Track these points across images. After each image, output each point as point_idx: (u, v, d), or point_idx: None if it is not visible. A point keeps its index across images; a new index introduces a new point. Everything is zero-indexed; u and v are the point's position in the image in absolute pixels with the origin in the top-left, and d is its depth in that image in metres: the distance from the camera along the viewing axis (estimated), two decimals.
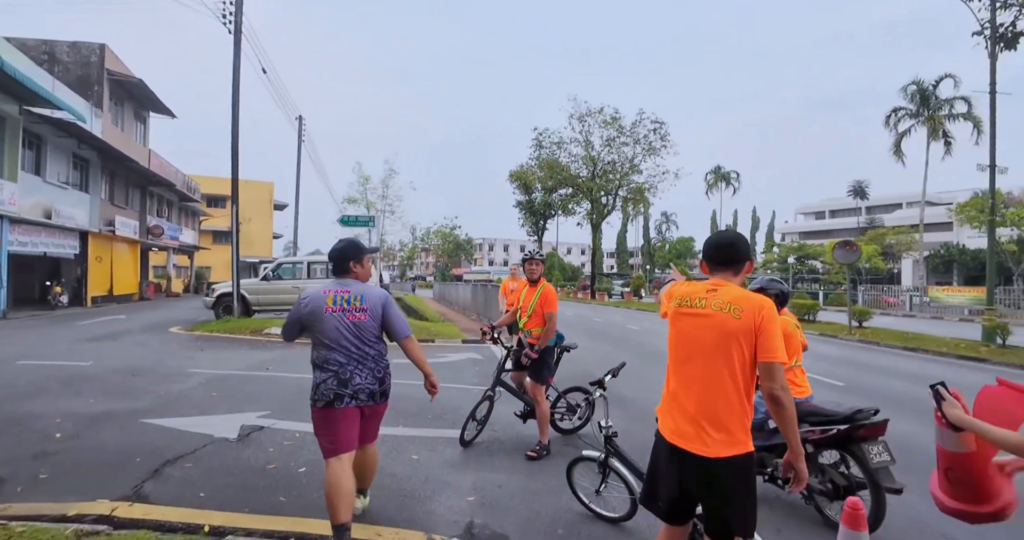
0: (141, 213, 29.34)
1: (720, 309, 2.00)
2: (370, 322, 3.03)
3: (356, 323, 2.99)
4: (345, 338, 2.96)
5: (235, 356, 8.98)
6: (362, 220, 12.34)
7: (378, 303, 3.06)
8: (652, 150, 32.15)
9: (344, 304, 2.99)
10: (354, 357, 2.97)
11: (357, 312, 2.99)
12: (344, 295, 3.00)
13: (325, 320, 2.96)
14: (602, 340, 12.96)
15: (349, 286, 3.06)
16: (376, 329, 3.07)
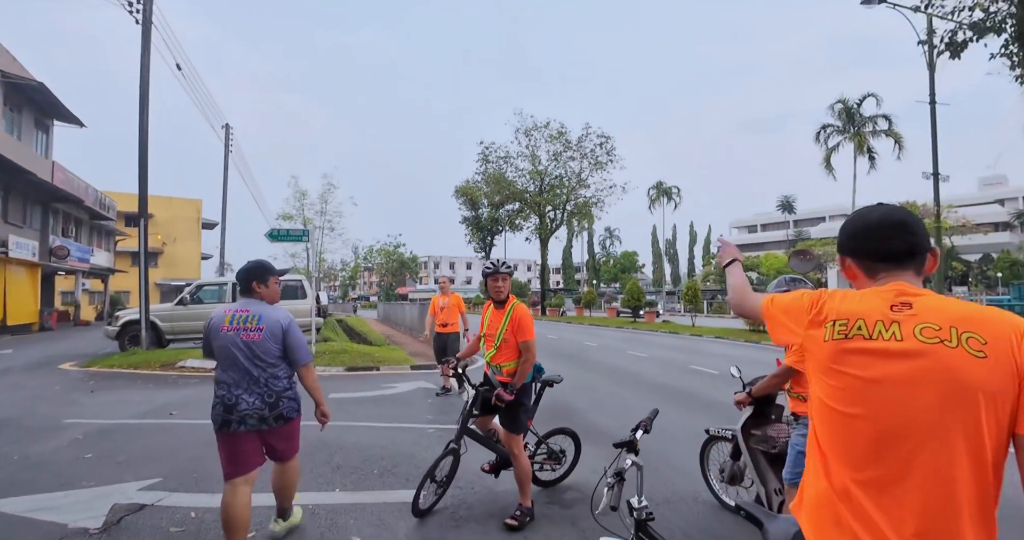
0: (43, 232, 26.19)
1: (937, 340, 1.07)
2: (265, 342, 2.96)
3: (248, 342, 2.93)
4: (235, 357, 2.92)
5: (133, 398, 7.41)
6: (294, 234, 10.92)
7: (277, 324, 3.01)
8: (599, 165, 32.11)
9: (239, 323, 2.96)
10: (243, 379, 2.92)
11: (252, 331, 2.95)
12: (242, 314, 2.99)
13: (219, 338, 2.95)
14: (563, 360, 12.06)
15: (249, 306, 3.04)
16: (273, 350, 2.98)
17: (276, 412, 2.96)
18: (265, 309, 3.05)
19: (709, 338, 17.70)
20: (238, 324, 2.96)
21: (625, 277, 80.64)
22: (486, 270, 3.64)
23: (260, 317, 2.99)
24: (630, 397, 7.82)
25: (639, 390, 8.44)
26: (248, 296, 3.10)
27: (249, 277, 3.09)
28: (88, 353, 12.82)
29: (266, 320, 2.98)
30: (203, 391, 7.98)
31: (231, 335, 2.94)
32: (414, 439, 5.49)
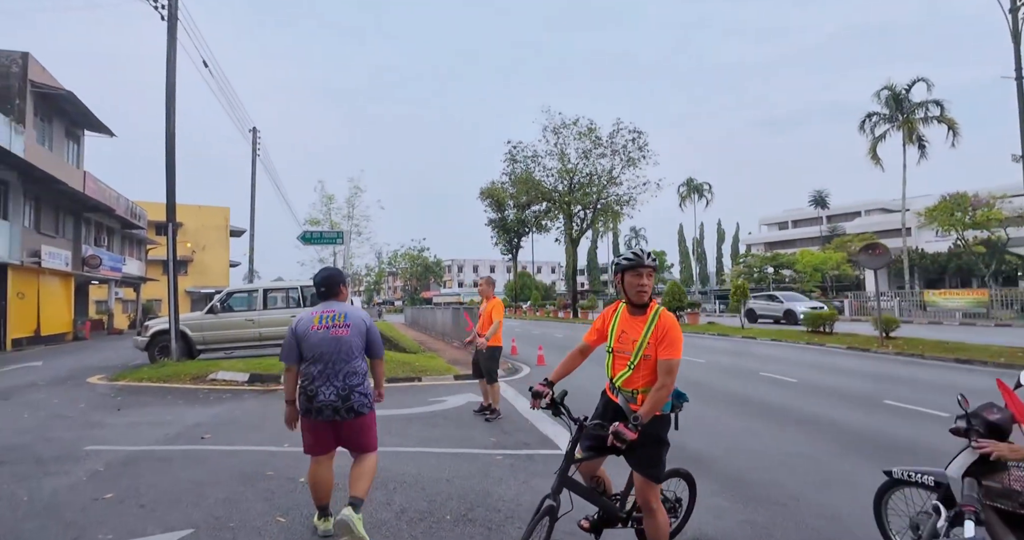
0: (75, 242, 26.25)
1: None
2: (352, 338, 3.28)
3: (337, 338, 3.25)
4: (323, 353, 3.22)
5: (162, 418, 6.72)
6: (327, 237, 10.26)
7: (361, 321, 3.37)
8: (631, 161, 30.96)
9: (328, 322, 3.28)
10: (325, 372, 3.20)
11: (340, 328, 3.28)
12: (329, 314, 3.32)
13: (310, 337, 3.25)
14: None
15: (333, 307, 3.37)
16: (358, 345, 3.31)
17: (348, 404, 3.21)
18: (348, 308, 3.41)
19: (765, 341, 16.50)
20: (327, 322, 3.28)
21: (658, 277, 78.89)
22: (624, 262, 2.77)
23: (346, 315, 3.35)
24: (710, 413, 6.85)
25: (717, 404, 7.46)
26: (330, 299, 3.43)
27: (335, 281, 3.46)
28: (118, 365, 12.33)
29: (351, 318, 3.35)
30: (235, 408, 7.27)
31: (322, 332, 3.26)
32: (482, 469, 4.64)
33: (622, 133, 30.94)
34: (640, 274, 2.70)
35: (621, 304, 2.88)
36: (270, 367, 9.79)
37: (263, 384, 9.20)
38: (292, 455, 5.02)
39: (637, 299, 2.71)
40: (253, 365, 9.99)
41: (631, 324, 2.74)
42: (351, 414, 3.21)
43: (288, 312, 12.29)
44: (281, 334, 12.17)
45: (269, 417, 6.66)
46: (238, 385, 9.20)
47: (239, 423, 6.37)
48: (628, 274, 2.73)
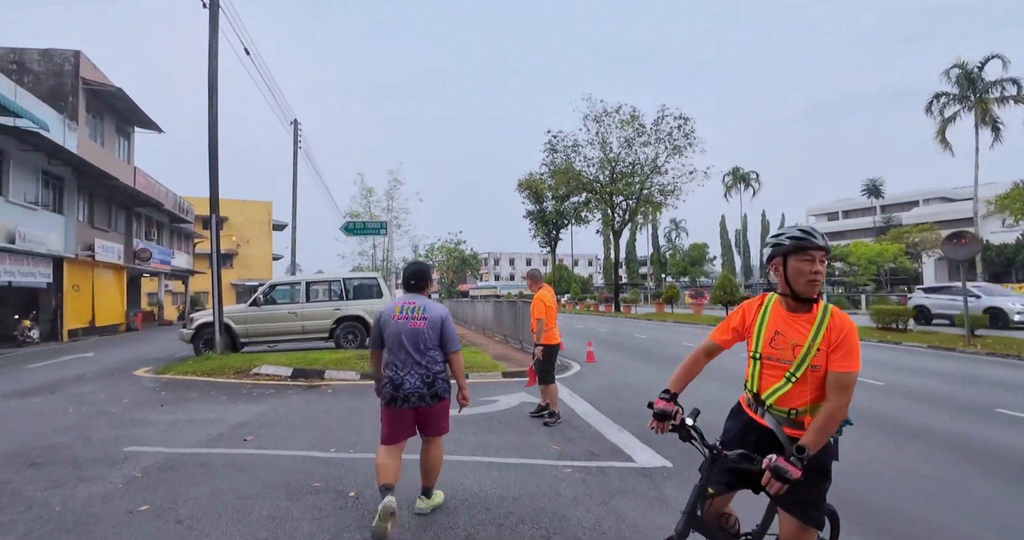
0: (127, 236, 26.99)
1: None
2: (428, 330, 3.43)
3: (415, 330, 3.41)
4: (403, 343, 3.40)
5: (205, 416, 6.43)
6: (371, 227, 9.87)
7: (438, 315, 3.50)
8: (677, 149, 29.71)
9: (408, 313, 3.47)
10: (408, 362, 3.40)
11: (418, 320, 3.43)
12: (410, 306, 3.50)
13: (390, 326, 3.46)
14: (709, 378, 10.45)
15: (415, 299, 3.54)
16: (433, 338, 3.45)
17: (432, 390, 3.40)
18: (428, 302, 3.55)
19: None
20: (407, 314, 3.45)
21: (695, 270, 76.87)
22: (789, 242, 2.04)
23: (425, 308, 3.48)
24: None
25: None
26: (415, 292, 3.60)
27: (423, 275, 3.66)
28: (164, 357, 12.35)
29: (429, 311, 3.47)
30: (279, 406, 6.93)
31: (401, 323, 3.43)
32: (551, 486, 4.08)
33: (667, 120, 29.74)
34: (812, 258, 2.04)
35: (770, 297, 2.23)
36: (313, 362, 9.50)
37: (306, 379, 8.89)
38: (340, 463, 4.58)
39: (806, 291, 2.05)
40: (296, 359, 9.72)
41: (790, 324, 2.09)
42: (435, 400, 3.42)
43: (331, 305, 12.04)
44: (324, 328, 11.92)
45: (314, 417, 6.28)
46: (281, 380, 8.92)
47: (283, 423, 6.00)
48: (794, 258, 2.05)
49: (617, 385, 8.43)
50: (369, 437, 5.36)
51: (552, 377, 6.26)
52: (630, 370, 10.17)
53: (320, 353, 10.42)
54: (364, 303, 12.20)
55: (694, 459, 4.77)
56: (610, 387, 8.22)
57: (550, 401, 6.15)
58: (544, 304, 6.24)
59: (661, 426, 2.30)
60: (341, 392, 7.87)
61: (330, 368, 9.20)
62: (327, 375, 9.02)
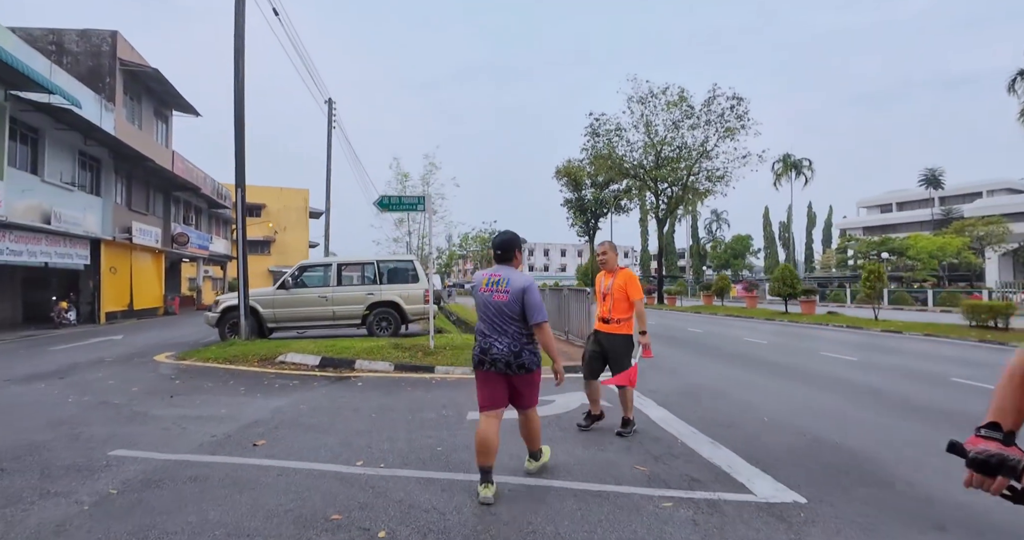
0: (164, 220, 26.97)
1: None
2: (511, 303, 3.41)
3: (498, 303, 3.43)
4: (489, 313, 3.46)
5: (216, 411, 5.53)
6: (407, 202, 8.83)
7: (520, 287, 3.43)
8: (729, 131, 27.79)
9: (492, 286, 3.48)
10: (496, 330, 3.42)
11: (501, 293, 3.43)
12: (495, 278, 3.50)
13: (478, 296, 3.54)
14: (783, 375, 9.16)
15: (501, 271, 3.54)
16: (515, 311, 3.41)
17: (519, 361, 3.38)
18: (513, 274, 3.52)
19: (916, 336, 13.72)
20: (491, 286, 3.49)
21: (737, 263, 74.03)
22: None
23: (508, 281, 3.47)
24: (926, 435, 4.82)
25: (938, 424, 5.37)
26: (504, 263, 3.59)
27: (511, 246, 3.59)
28: (192, 341, 11.72)
29: (512, 284, 3.45)
30: (301, 400, 6.00)
31: (486, 295, 3.49)
32: (651, 528, 2.95)
33: (719, 101, 27.83)
34: None
35: None
36: (343, 350, 8.59)
37: (335, 370, 7.99)
38: (367, 483, 3.55)
39: None
40: (325, 347, 8.84)
41: None
42: (521, 370, 3.39)
43: (364, 290, 11.14)
44: (356, 313, 11.03)
45: (339, 416, 5.31)
46: (308, 369, 8.05)
47: (302, 424, 5.04)
48: None
49: (689, 386, 7.21)
50: (404, 445, 4.34)
51: None
52: (697, 368, 8.92)
53: (351, 341, 9.53)
54: (399, 288, 11.27)
55: (830, 489, 3.55)
56: (682, 388, 7.02)
57: (625, 405, 5.01)
58: (638, 284, 5.08)
59: (996, 485, 1.14)
60: (372, 386, 6.90)
61: (361, 358, 8.27)
62: (358, 366, 8.09)
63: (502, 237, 3.61)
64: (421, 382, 7.17)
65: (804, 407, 6.01)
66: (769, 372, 8.44)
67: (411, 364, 8.06)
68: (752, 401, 6.30)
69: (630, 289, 4.99)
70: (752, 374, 8.27)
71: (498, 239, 3.61)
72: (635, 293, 4.98)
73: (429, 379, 7.38)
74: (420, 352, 8.62)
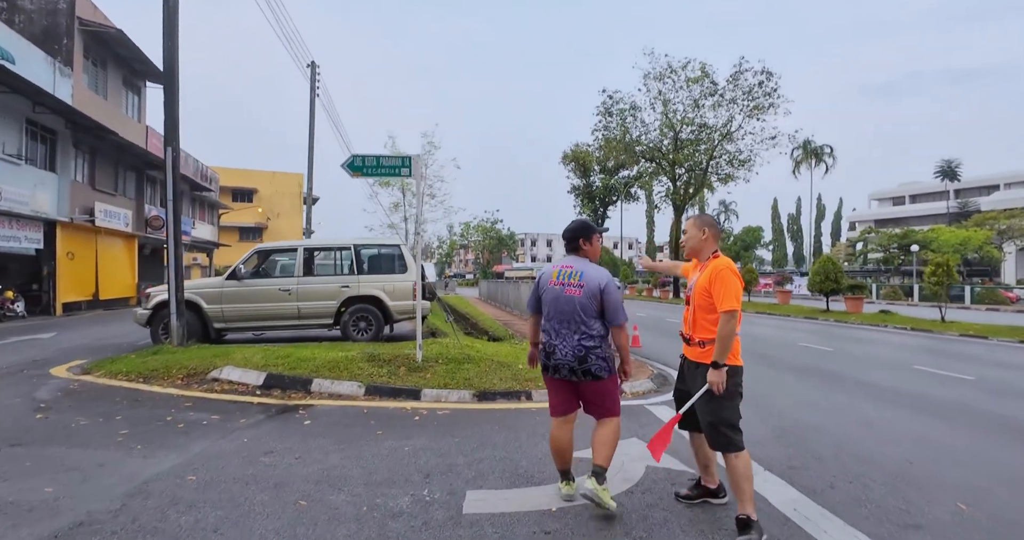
0: (137, 202, 24.65)
1: None
2: (584, 300, 3.02)
3: (570, 298, 3.04)
4: (558, 311, 3.07)
5: (32, 487, 3.35)
6: (387, 164, 6.51)
7: (596, 283, 3.04)
8: (758, 109, 25.31)
9: (564, 279, 3.09)
10: (562, 331, 3.04)
11: (574, 287, 3.05)
12: (567, 270, 3.11)
13: (547, 291, 3.14)
14: (864, 394, 6.93)
15: (574, 263, 3.15)
16: (588, 308, 3.03)
17: (584, 367, 2.99)
18: (588, 267, 3.12)
19: (1010, 342, 11.50)
20: (563, 279, 3.09)
21: (747, 255, 71.80)
22: None
23: (582, 274, 3.07)
24: None
25: None
26: (575, 254, 3.21)
27: (576, 234, 3.19)
28: (127, 344, 9.51)
29: (587, 278, 3.05)
30: (200, 460, 3.74)
31: (557, 289, 3.10)
32: None
33: (745, 76, 25.32)
34: None
35: None
36: (299, 364, 6.36)
37: (283, 393, 5.77)
38: None
39: None
40: (278, 358, 6.61)
41: None
42: (587, 377, 3.02)
43: (339, 281, 8.90)
44: (327, 311, 8.80)
45: (239, 505, 3.04)
46: (246, 391, 5.83)
47: (174, 520, 2.81)
48: None
49: (783, 424, 4.99)
50: None
51: (739, 437, 2.89)
52: (770, 388, 6.69)
53: (315, 349, 7.29)
54: (382, 279, 9.03)
55: None
56: (776, 430, 4.79)
57: (737, 489, 2.80)
58: (733, 282, 2.86)
59: None
60: (326, 426, 4.68)
61: (322, 375, 6.05)
62: (315, 387, 5.87)
63: (574, 224, 3.25)
64: (399, 418, 4.95)
65: (982, 464, 3.78)
66: (872, 397, 6.21)
67: (388, 386, 5.84)
68: (895, 454, 4.09)
69: (717, 290, 2.80)
70: (853, 400, 6.04)
71: (569, 227, 3.24)
72: (724, 299, 2.79)
73: (411, 412, 5.16)
74: (403, 367, 6.40)
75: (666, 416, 5.09)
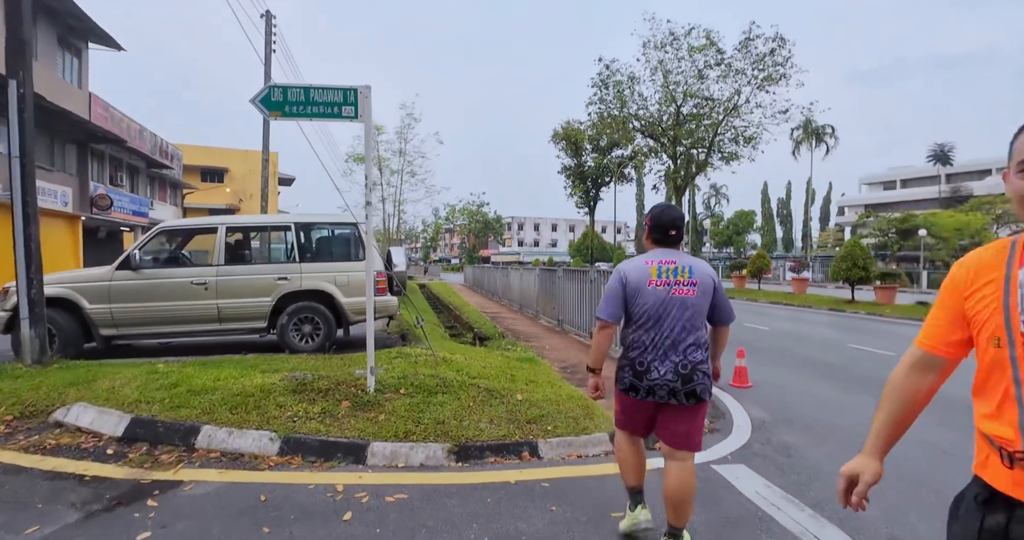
0: (80, 179, 22.00)
1: None
2: (699, 300, 2.44)
3: (683, 301, 2.42)
4: (663, 317, 2.41)
5: None
6: (319, 101, 4.28)
7: (709, 278, 2.48)
8: (769, 80, 23.21)
9: (669, 276, 2.45)
10: (663, 344, 2.41)
11: (685, 286, 2.43)
12: (669, 265, 2.47)
13: (645, 295, 2.44)
14: None
15: (675, 256, 2.51)
16: (703, 309, 2.47)
17: (688, 387, 2.40)
18: (693, 261, 2.51)
19: None
20: (668, 277, 2.45)
21: (739, 240, 70.53)
22: None
23: (691, 269, 2.46)
24: None
25: None
26: (671, 245, 2.55)
27: (681, 223, 2.55)
28: None
29: (697, 273, 2.46)
30: None
31: (661, 291, 2.44)
32: None
33: (755, 43, 23.17)
34: None
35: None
36: (186, 399, 4.23)
37: (149, 452, 3.67)
38: None
39: None
40: (157, 389, 4.47)
41: None
42: (691, 399, 2.41)
43: (274, 271, 6.73)
44: (257, 311, 6.61)
45: None
46: (94, 447, 3.74)
47: None
48: None
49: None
50: None
51: None
52: (852, 416, 4.69)
53: (221, 371, 5.13)
54: (334, 268, 6.87)
55: None
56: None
57: None
58: None
59: None
60: (183, 537, 2.59)
61: (217, 419, 3.96)
62: (204, 438, 3.78)
63: (675, 213, 2.55)
64: (319, 516, 2.88)
65: None
66: None
67: (317, 438, 3.77)
68: None
69: None
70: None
71: (671, 213, 2.53)
72: None
73: (344, 499, 3.10)
74: (347, 400, 4.32)
75: (751, 488, 3.08)
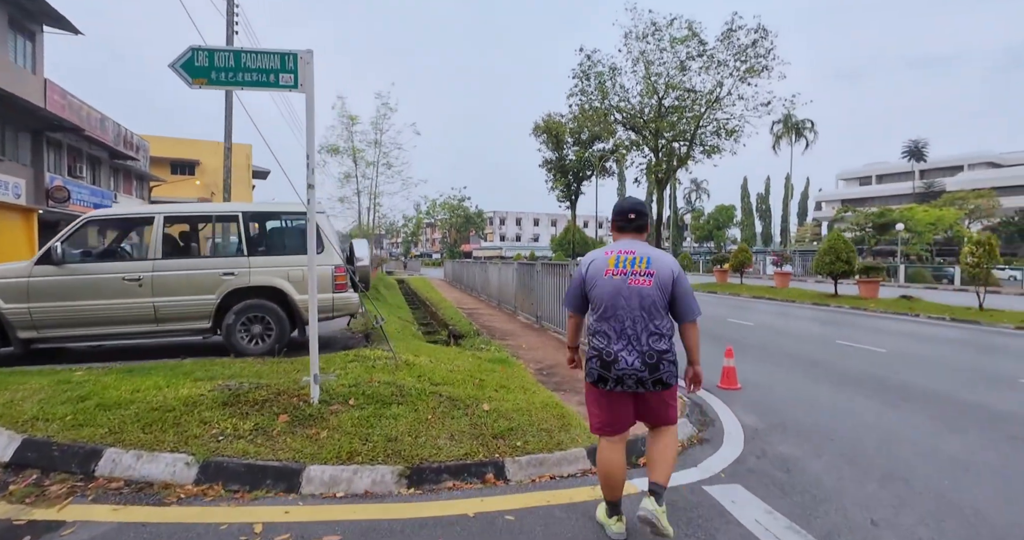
0: (36, 169, 20.84)
1: None
2: (655, 292, 2.46)
3: (639, 291, 2.46)
4: (618, 307, 2.46)
5: None
6: (251, 67, 3.69)
7: (668, 270, 2.48)
8: (751, 72, 22.93)
9: (627, 266, 2.49)
10: (625, 333, 2.46)
11: (641, 276, 2.47)
12: (627, 255, 2.52)
13: (601, 284, 2.51)
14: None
15: (635, 246, 2.56)
16: (662, 303, 2.48)
17: (655, 376, 2.47)
18: (652, 251, 2.54)
19: None
20: (624, 266, 2.49)
21: (720, 235, 70.89)
22: None
23: (649, 260, 2.49)
24: None
25: None
26: (637, 234, 2.61)
27: (641, 209, 2.62)
28: None
29: (656, 265, 2.49)
30: None
31: (617, 280, 2.49)
32: None
33: (738, 34, 22.86)
34: None
35: None
36: (95, 415, 3.62)
37: (38, 482, 3.07)
38: None
39: None
40: (64, 402, 3.85)
41: None
42: (658, 386, 2.49)
43: (220, 265, 6.06)
44: (199, 311, 5.94)
45: None
46: None
47: None
48: None
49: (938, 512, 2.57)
50: None
51: None
52: (884, 431, 4.30)
53: (144, 380, 4.51)
54: (287, 262, 6.24)
55: None
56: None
57: None
58: None
59: None
60: None
61: (126, 440, 3.36)
62: (104, 466, 3.19)
63: (634, 200, 2.68)
64: None
65: None
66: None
67: (242, 462, 3.20)
68: None
69: None
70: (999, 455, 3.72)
71: (630, 202, 2.65)
72: None
73: (262, 533, 2.56)
74: (285, 413, 3.75)
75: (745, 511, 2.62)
